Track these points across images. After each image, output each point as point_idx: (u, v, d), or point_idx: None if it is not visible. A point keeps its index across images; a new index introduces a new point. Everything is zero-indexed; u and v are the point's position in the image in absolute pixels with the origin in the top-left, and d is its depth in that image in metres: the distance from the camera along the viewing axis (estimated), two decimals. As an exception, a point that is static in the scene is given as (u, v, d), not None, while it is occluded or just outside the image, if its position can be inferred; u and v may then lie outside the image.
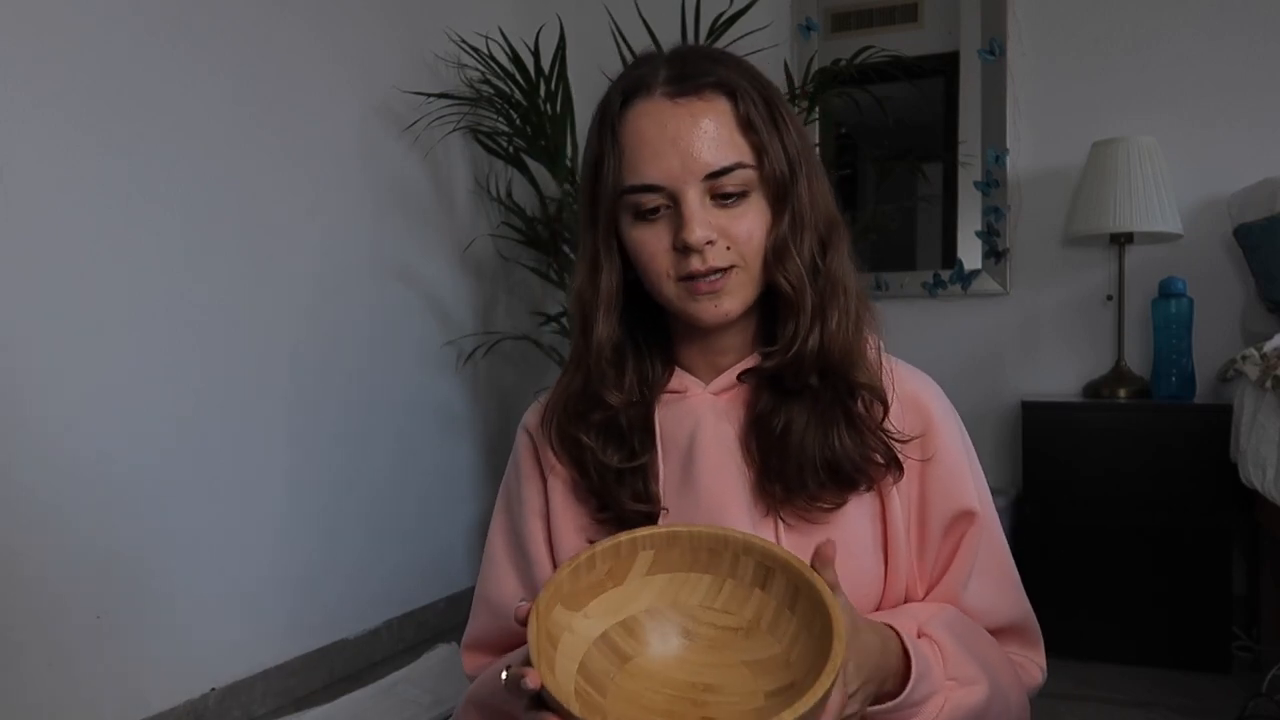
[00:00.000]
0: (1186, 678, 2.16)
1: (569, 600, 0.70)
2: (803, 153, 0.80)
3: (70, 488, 1.73)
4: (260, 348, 2.13)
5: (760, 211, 0.79)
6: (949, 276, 2.73)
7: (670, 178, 0.76)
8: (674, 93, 0.77)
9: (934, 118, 2.79)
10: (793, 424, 0.81)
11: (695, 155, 0.75)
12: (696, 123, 0.76)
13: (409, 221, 2.64)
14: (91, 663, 1.76)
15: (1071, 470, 2.30)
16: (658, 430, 0.85)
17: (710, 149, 0.76)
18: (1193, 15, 2.51)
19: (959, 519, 0.84)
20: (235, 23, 2.08)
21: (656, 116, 0.77)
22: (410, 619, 2.56)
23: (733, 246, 0.78)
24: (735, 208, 0.77)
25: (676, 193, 0.76)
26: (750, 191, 0.78)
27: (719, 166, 0.76)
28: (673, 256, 0.78)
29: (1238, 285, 2.49)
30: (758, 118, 0.77)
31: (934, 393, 0.88)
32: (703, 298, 0.78)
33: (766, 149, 0.77)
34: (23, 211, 1.66)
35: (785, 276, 0.78)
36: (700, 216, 0.76)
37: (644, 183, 0.77)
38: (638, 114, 0.78)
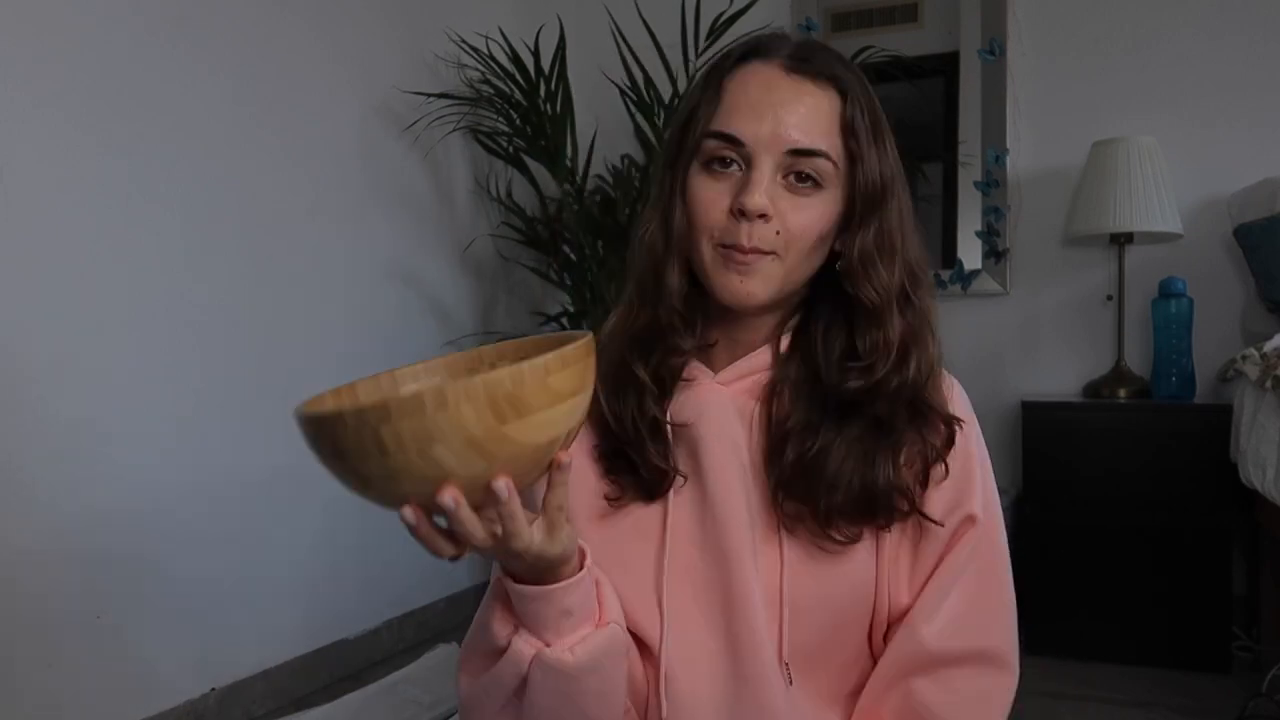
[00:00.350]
0: (1186, 678, 2.16)
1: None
2: (896, 180, 0.79)
3: (70, 487, 1.73)
4: (260, 347, 2.13)
5: (827, 214, 0.77)
6: (949, 276, 2.73)
7: (755, 138, 0.75)
8: (792, 66, 0.77)
9: (934, 118, 2.79)
10: (831, 449, 0.78)
11: (788, 127, 0.75)
12: (801, 99, 0.76)
13: (409, 221, 2.64)
14: (91, 663, 1.76)
15: (1071, 470, 2.30)
16: (668, 414, 0.84)
17: (804, 127, 0.75)
18: (1193, 15, 2.51)
19: (960, 524, 0.82)
20: (235, 23, 2.08)
21: (767, 78, 0.77)
22: (410, 619, 2.56)
23: (782, 232, 0.76)
24: (802, 195, 0.76)
25: (753, 155, 0.75)
26: (825, 188, 0.77)
27: (806, 146, 0.75)
28: (725, 219, 0.77)
29: (1238, 285, 2.49)
30: (861, 126, 0.77)
31: (953, 393, 0.86)
32: (733, 268, 0.76)
33: (862, 156, 0.77)
34: (23, 211, 1.66)
35: (874, 287, 0.77)
36: (765, 187, 0.75)
37: (729, 132, 0.76)
38: (750, 71, 0.78)
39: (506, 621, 0.73)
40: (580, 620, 0.71)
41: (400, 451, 0.55)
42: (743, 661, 0.79)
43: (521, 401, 0.56)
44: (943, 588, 0.81)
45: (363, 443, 0.55)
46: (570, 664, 0.70)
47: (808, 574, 0.81)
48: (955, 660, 0.80)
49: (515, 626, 0.72)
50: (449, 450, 0.55)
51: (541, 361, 0.56)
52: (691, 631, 0.81)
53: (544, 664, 0.71)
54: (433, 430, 0.54)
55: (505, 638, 0.73)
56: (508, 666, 0.72)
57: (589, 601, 0.72)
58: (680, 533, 0.83)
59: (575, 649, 0.71)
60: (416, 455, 0.55)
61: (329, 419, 0.56)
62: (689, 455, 0.83)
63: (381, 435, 0.54)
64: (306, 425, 0.58)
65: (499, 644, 0.73)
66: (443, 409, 0.54)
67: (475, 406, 0.54)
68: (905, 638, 0.81)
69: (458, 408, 0.54)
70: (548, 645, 0.71)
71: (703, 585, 0.82)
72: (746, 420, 0.83)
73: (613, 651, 0.74)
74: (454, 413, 0.54)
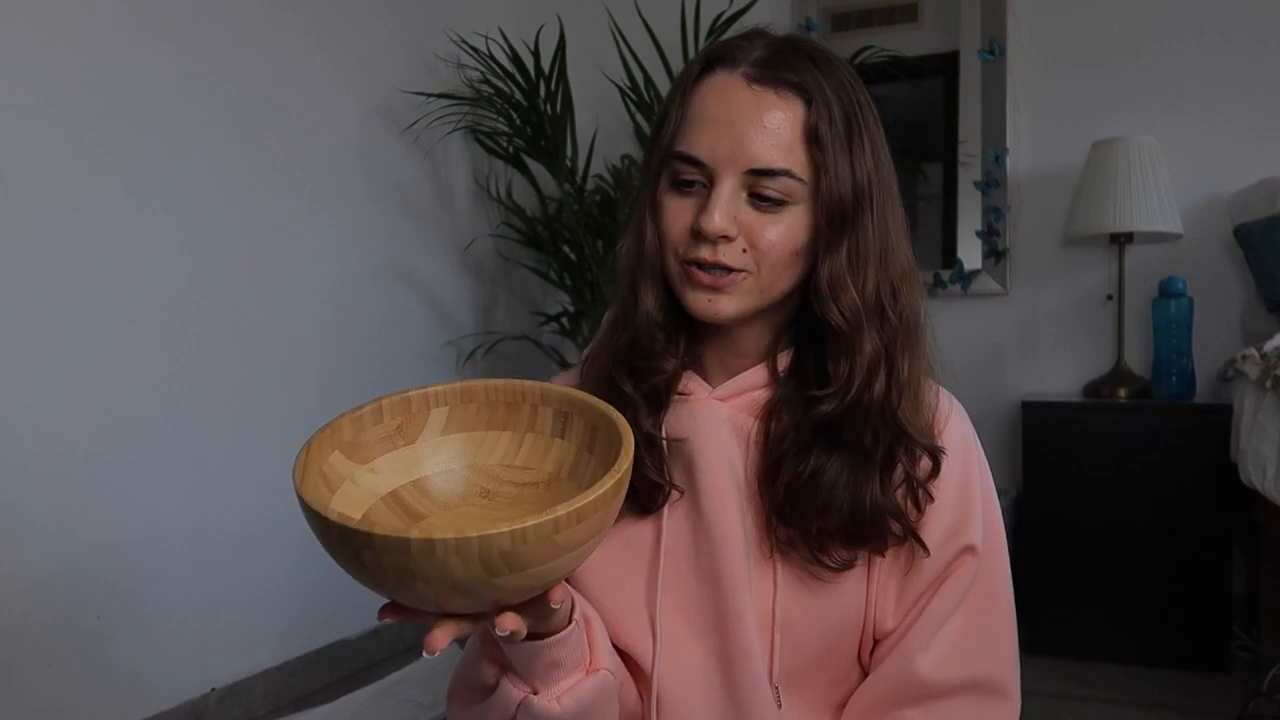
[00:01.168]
0: (1186, 678, 2.16)
1: (351, 450, 0.65)
2: (878, 185, 0.75)
3: (70, 488, 1.73)
4: (259, 348, 2.13)
5: (798, 228, 0.74)
6: (949, 276, 2.73)
7: (714, 157, 0.73)
8: (754, 76, 0.73)
9: (934, 118, 2.79)
10: (824, 472, 0.76)
11: (746, 145, 0.72)
12: (762, 114, 0.72)
13: (409, 221, 2.64)
14: (91, 663, 1.76)
15: (1071, 470, 2.30)
16: (663, 430, 0.82)
17: (764, 145, 0.72)
18: (1193, 15, 2.51)
19: (957, 555, 0.80)
20: (235, 23, 2.08)
21: (727, 93, 0.74)
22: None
23: (750, 250, 0.74)
24: (769, 213, 0.73)
25: (715, 175, 0.73)
26: (792, 204, 0.73)
27: (765, 166, 0.72)
28: (688, 237, 0.75)
29: (1238, 285, 2.49)
30: (828, 133, 0.72)
31: (955, 418, 0.83)
32: (699, 290, 0.75)
33: (828, 167, 0.72)
34: (23, 211, 1.66)
35: (841, 311, 0.73)
36: (726, 208, 0.72)
37: (690, 153, 0.74)
38: (713, 84, 0.75)
39: (494, 662, 0.72)
40: (568, 670, 0.70)
41: (380, 575, 0.53)
42: (736, 684, 0.78)
43: (518, 560, 0.52)
44: (939, 617, 0.79)
45: (344, 552, 0.54)
46: (556, 713, 0.69)
47: (800, 598, 0.79)
48: (952, 691, 0.78)
49: (503, 668, 0.71)
50: (430, 588, 0.53)
51: (551, 519, 0.52)
52: (684, 652, 0.80)
53: (530, 711, 0.70)
54: (415, 570, 0.52)
55: (494, 677, 0.72)
56: (496, 706, 0.72)
57: (577, 651, 0.70)
58: (674, 551, 0.81)
59: (562, 698, 0.69)
60: (395, 582, 0.53)
61: (315, 512, 0.54)
62: (684, 471, 0.81)
63: (362, 557, 0.53)
64: (299, 497, 0.56)
65: (488, 682, 0.73)
66: (429, 556, 0.51)
67: (465, 560, 0.51)
68: (897, 667, 0.79)
69: (445, 559, 0.51)
70: (535, 693, 0.70)
71: (695, 605, 0.80)
72: (744, 439, 0.81)
73: (601, 698, 0.72)
74: (440, 561, 0.51)
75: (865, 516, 0.75)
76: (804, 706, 0.82)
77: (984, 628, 0.80)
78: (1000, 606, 0.82)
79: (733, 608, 0.78)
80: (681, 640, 0.80)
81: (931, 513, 0.79)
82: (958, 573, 0.79)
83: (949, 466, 0.80)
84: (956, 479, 0.80)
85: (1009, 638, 0.82)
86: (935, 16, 2.75)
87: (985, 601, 0.81)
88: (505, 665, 0.71)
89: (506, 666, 0.71)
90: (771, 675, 0.79)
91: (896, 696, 0.79)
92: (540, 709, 0.69)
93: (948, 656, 0.78)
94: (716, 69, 0.76)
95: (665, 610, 0.81)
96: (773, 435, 0.79)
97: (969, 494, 0.81)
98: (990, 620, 0.81)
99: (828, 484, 0.76)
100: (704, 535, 0.80)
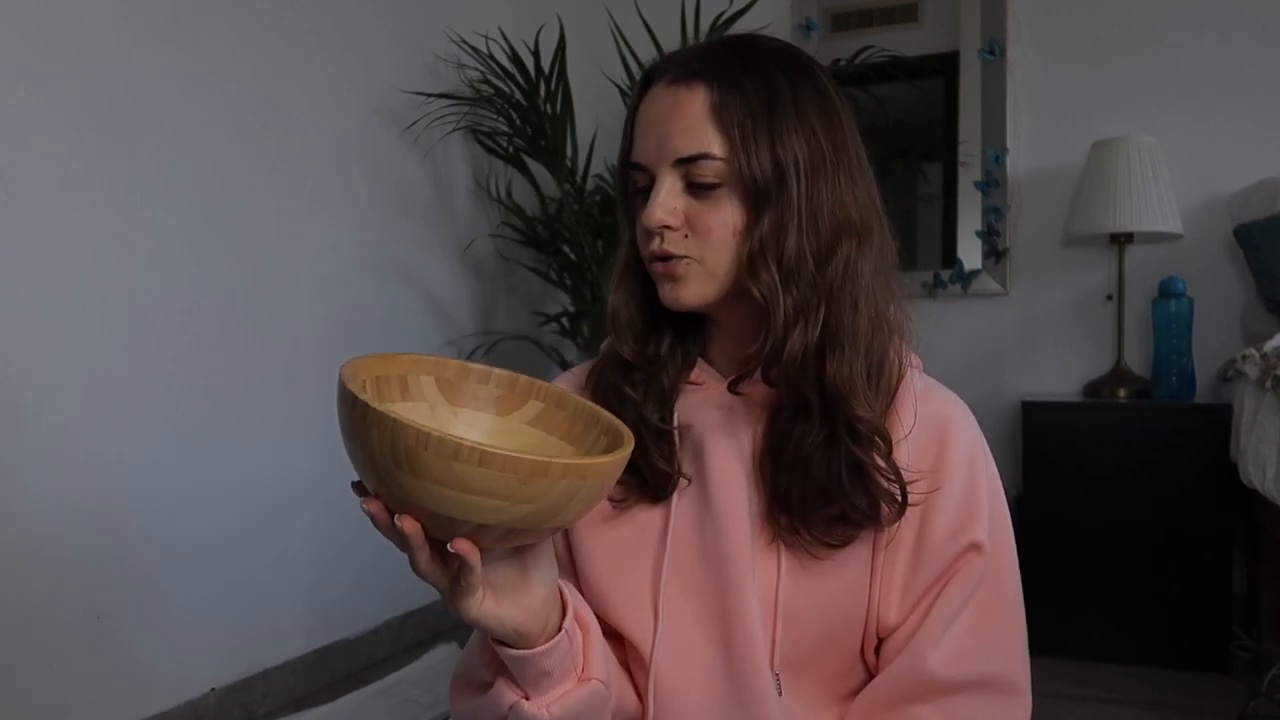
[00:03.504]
0: (1186, 678, 2.16)
1: (446, 387, 0.70)
2: (807, 160, 0.76)
3: (70, 488, 1.73)
4: (259, 348, 2.13)
5: (732, 209, 0.77)
6: (949, 276, 2.73)
7: (649, 159, 0.79)
8: (672, 78, 0.79)
9: (934, 118, 2.79)
10: (802, 447, 0.78)
11: (667, 140, 0.77)
12: (677, 108, 0.77)
13: (409, 221, 2.64)
14: (91, 663, 1.76)
15: (1071, 470, 2.30)
16: (675, 420, 0.85)
17: (681, 136, 0.76)
18: (1192, 15, 2.51)
19: (963, 552, 0.80)
20: (236, 23, 2.08)
21: (652, 101, 0.79)
22: (410, 619, 2.56)
23: (691, 236, 0.78)
24: (705, 199, 0.77)
25: (655, 174, 0.78)
26: (724, 186, 0.76)
27: (686, 154, 0.76)
28: (644, 236, 0.80)
29: (1238, 285, 2.49)
30: (739, 112, 0.75)
31: (959, 417, 0.83)
32: (661, 280, 0.80)
33: (743, 146, 0.75)
34: (23, 211, 1.66)
35: (756, 285, 0.76)
36: (664, 201, 0.77)
37: (634, 160, 0.80)
38: (649, 97, 0.80)
39: (491, 662, 0.73)
40: (559, 679, 0.71)
41: (344, 432, 0.60)
42: (737, 669, 0.79)
43: (415, 462, 0.56)
44: (947, 615, 0.79)
45: (341, 407, 0.60)
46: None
47: (803, 584, 0.80)
48: (962, 687, 0.78)
49: (499, 669, 0.72)
50: (358, 453, 0.59)
51: (454, 442, 0.55)
52: (685, 637, 0.81)
53: (521, 717, 0.71)
54: (355, 432, 0.58)
55: (490, 676, 0.73)
56: (490, 703, 0.73)
57: (568, 661, 0.71)
58: (680, 537, 0.83)
59: (552, 706, 0.70)
60: (349, 441, 0.60)
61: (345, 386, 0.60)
62: (694, 459, 0.84)
63: (344, 411, 0.59)
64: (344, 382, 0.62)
65: (485, 679, 0.74)
66: (362, 420, 0.57)
67: (379, 436, 0.56)
68: (908, 665, 0.79)
69: (368, 428, 0.57)
70: (526, 699, 0.71)
71: (698, 591, 0.81)
72: (752, 427, 0.83)
73: (592, 708, 0.73)
74: (366, 429, 0.57)
75: (836, 495, 0.77)
76: (804, 696, 0.83)
77: (993, 625, 0.81)
78: (1009, 603, 0.82)
79: (736, 592, 0.79)
80: (684, 625, 0.81)
81: (937, 509, 0.80)
82: (964, 570, 0.80)
83: (955, 463, 0.81)
84: (963, 475, 0.81)
85: (1018, 634, 0.83)
86: (935, 16, 2.75)
87: (993, 599, 0.81)
88: (500, 668, 0.72)
89: (501, 669, 0.72)
90: (773, 662, 0.80)
91: (906, 693, 0.80)
92: (530, 716, 0.70)
93: (957, 653, 0.79)
94: (651, 83, 0.81)
95: (669, 595, 0.82)
96: (779, 423, 0.81)
97: (975, 491, 0.81)
98: (1000, 617, 0.81)
99: (804, 460, 0.78)
100: (711, 521, 0.81)
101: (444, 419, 0.71)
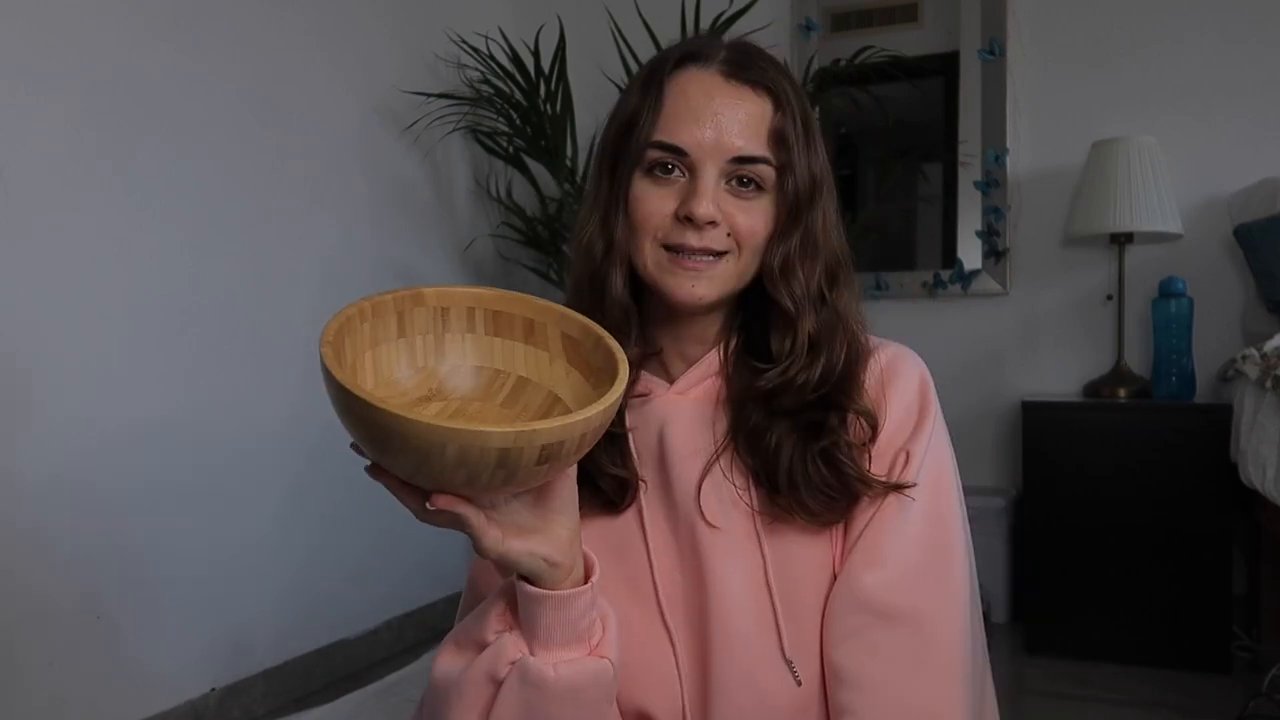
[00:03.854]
0: (1186, 678, 2.16)
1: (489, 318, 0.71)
2: (824, 181, 0.81)
3: (70, 487, 1.73)
4: (260, 347, 2.13)
5: (769, 214, 0.79)
6: (949, 276, 2.73)
7: (699, 147, 0.77)
8: (729, 73, 0.79)
9: (934, 118, 2.79)
10: (783, 445, 0.80)
11: (730, 135, 0.77)
12: (741, 106, 0.78)
13: (409, 221, 2.64)
14: (91, 663, 1.76)
15: (1071, 470, 2.30)
16: (630, 435, 0.84)
17: (745, 135, 0.77)
18: (1193, 15, 2.51)
19: (894, 457, 0.81)
20: (236, 23, 2.08)
21: (707, 86, 0.78)
22: (410, 619, 2.56)
23: (732, 235, 0.78)
24: (748, 199, 0.78)
25: (698, 164, 0.77)
26: (767, 191, 0.79)
27: (749, 153, 0.77)
28: (670, 223, 0.78)
29: (1238, 285, 2.49)
30: (792, 132, 0.78)
31: (928, 379, 0.85)
32: (683, 274, 0.78)
33: (793, 164, 0.78)
34: (23, 211, 1.66)
35: (789, 294, 0.79)
36: (711, 194, 0.77)
37: (673, 143, 0.77)
38: (690, 78, 0.79)
39: (503, 619, 0.71)
40: (572, 640, 0.69)
41: None
42: (714, 669, 0.79)
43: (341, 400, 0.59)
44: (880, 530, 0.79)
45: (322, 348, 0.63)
46: (550, 678, 0.67)
47: (790, 565, 0.81)
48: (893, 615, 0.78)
49: (510, 627, 0.70)
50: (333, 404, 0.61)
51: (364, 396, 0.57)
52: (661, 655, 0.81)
53: (524, 672, 0.68)
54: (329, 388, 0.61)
55: (495, 633, 0.70)
56: (485, 662, 0.69)
57: (587, 619, 0.69)
58: (657, 548, 0.83)
59: (559, 666, 0.68)
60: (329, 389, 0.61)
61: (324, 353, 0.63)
62: (657, 469, 0.83)
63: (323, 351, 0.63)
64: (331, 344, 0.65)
65: (485, 638, 0.71)
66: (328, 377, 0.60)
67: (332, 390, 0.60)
68: (845, 583, 0.79)
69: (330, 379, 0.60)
70: (533, 655, 0.68)
71: (681, 598, 0.82)
72: (709, 425, 0.83)
73: (599, 684, 0.70)
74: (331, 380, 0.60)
75: (830, 481, 0.78)
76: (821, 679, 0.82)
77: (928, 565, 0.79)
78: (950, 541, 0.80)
79: (716, 591, 0.80)
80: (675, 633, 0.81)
81: (880, 430, 0.82)
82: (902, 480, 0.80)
83: (902, 390, 0.83)
84: (912, 397, 0.83)
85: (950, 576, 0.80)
86: (935, 16, 2.75)
87: (935, 539, 0.80)
88: (511, 626, 0.70)
89: (512, 627, 0.70)
90: (783, 649, 0.79)
91: (842, 607, 0.79)
92: (535, 671, 0.67)
93: (896, 580, 0.78)
94: (689, 65, 0.80)
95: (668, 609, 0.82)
96: (735, 417, 0.82)
97: (924, 420, 0.82)
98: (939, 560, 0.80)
99: (786, 456, 0.79)
100: (683, 526, 0.82)
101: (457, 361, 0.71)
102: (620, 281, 0.81)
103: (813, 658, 0.81)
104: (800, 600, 0.80)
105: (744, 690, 0.79)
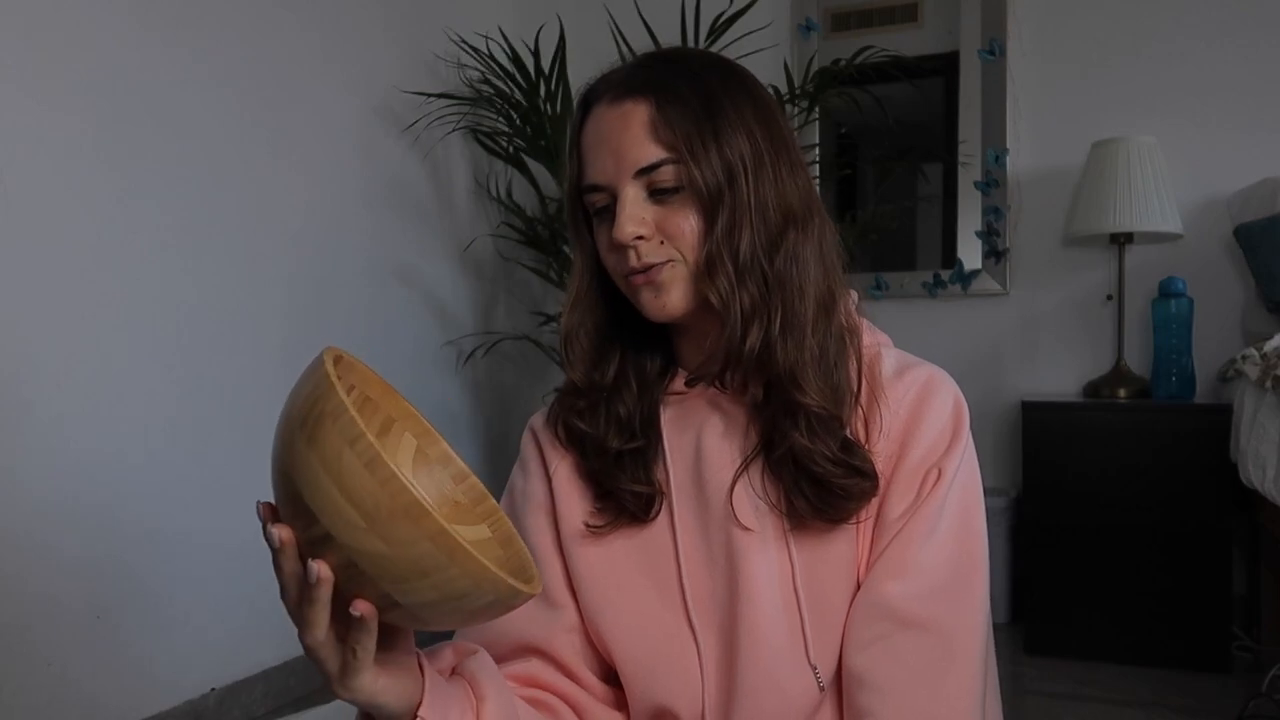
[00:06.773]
0: (1186, 678, 2.16)
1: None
2: (751, 156, 0.78)
3: (70, 487, 1.73)
4: (260, 347, 2.13)
5: (694, 209, 0.78)
6: (949, 276, 2.73)
7: (607, 177, 0.79)
8: (614, 96, 0.80)
9: (934, 118, 2.79)
10: (798, 444, 0.78)
11: (624, 154, 0.78)
12: (625, 125, 0.78)
13: (409, 221, 2.64)
14: (91, 663, 1.76)
15: (1071, 470, 2.30)
16: (664, 430, 0.85)
17: (636, 147, 0.77)
18: (1192, 16, 2.51)
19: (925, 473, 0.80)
20: (235, 23, 2.08)
21: (597, 122, 0.81)
22: (410, 619, 2.56)
23: (668, 242, 0.78)
24: (670, 204, 0.78)
25: (617, 191, 0.78)
26: (685, 189, 0.78)
27: (647, 162, 0.77)
28: (616, 254, 0.80)
29: (1238, 285, 2.49)
30: (684, 119, 0.77)
31: (939, 377, 0.83)
32: (643, 289, 0.79)
33: (692, 152, 0.77)
34: (23, 211, 1.66)
35: (714, 290, 0.78)
36: (632, 213, 0.77)
37: (590, 182, 0.80)
38: (591, 118, 0.82)
39: None
40: None
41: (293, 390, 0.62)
42: (739, 670, 0.79)
43: (318, 429, 0.56)
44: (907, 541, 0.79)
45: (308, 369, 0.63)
46: None
47: (816, 569, 0.81)
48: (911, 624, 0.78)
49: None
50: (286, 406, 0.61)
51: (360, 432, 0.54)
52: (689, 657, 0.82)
53: None
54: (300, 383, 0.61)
55: None
56: None
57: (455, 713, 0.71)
58: (687, 549, 0.83)
59: None
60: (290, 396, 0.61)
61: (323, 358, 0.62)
62: (693, 469, 0.84)
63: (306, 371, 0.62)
64: None
65: None
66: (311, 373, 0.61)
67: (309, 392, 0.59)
68: (869, 592, 0.79)
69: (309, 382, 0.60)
70: None
71: (709, 598, 0.82)
72: (743, 426, 0.83)
73: None
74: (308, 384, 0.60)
75: (833, 480, 0.78)
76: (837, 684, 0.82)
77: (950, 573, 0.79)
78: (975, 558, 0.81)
79: (745, 594, 0.80)
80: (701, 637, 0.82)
81: (915, 439, 0.81)
82: (932, 496, 0.79)
83: (939, 407, 0.81)
84: (947, 415, 0.81)
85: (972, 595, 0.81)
86: (935, 16, 2.75)
87: (962, 555, 0.80)
88: None
89: None
90: (808, 654, 0.80)
91: (864, 616, 0.79)
92: None
93: (923, 591, 0.78)
94: (590, 107, 0.82)
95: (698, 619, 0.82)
96: (764, 418, 0.82)
97: (958, 432, 0.81)
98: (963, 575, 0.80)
99: (804, 453, 0.78)
100: (714, 528, 0.82)
101: None
102: (571, 318, 0.86)
103: (832, 662, 0.81)
104: (825, 605, 0.81)
105: (767, 693, 0.79)
